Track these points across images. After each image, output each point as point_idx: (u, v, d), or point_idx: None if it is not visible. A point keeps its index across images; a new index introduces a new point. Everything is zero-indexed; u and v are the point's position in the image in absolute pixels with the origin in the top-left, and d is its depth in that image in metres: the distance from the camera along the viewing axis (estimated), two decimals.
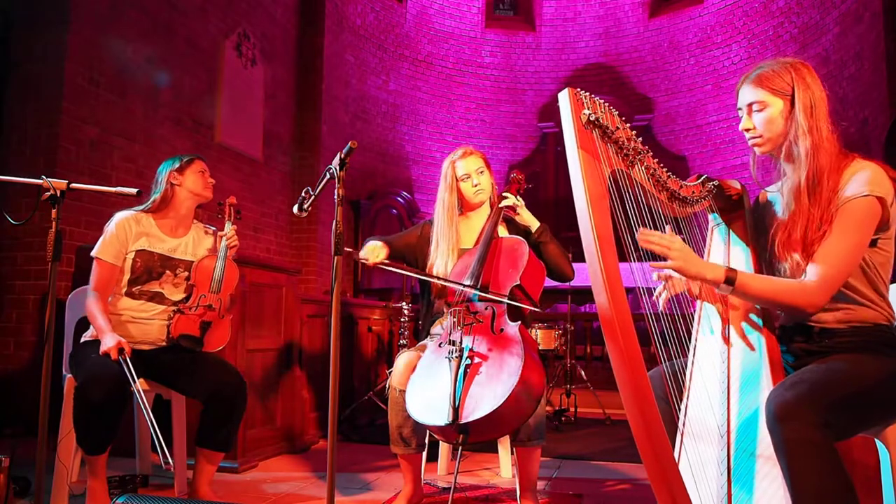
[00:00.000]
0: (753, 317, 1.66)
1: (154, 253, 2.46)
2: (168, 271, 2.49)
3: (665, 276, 1.79)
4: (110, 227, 2.43)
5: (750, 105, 1.68)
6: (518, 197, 2.50)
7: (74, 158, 4.19)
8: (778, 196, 1.74)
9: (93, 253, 2.41)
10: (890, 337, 1.60)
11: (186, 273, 2.52)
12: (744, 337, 1.66)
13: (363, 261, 2.37)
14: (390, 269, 2.36)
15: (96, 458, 2.18)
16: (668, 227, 1.63)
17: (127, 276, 2.44)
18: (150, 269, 2.45)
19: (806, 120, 1.59)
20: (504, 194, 2.49)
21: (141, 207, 2.53)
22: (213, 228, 2.69)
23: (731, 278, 1.55)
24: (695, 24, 8.60)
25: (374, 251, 2.38)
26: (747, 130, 1.70)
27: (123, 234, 2.42)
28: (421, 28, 8.96)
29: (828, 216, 1.54)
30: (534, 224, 2.47)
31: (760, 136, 1.68)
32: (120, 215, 2.46)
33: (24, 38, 4.18)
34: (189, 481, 2.48)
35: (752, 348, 1.63)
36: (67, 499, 2.32)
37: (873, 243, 1.57)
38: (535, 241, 2.45)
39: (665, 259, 1.58)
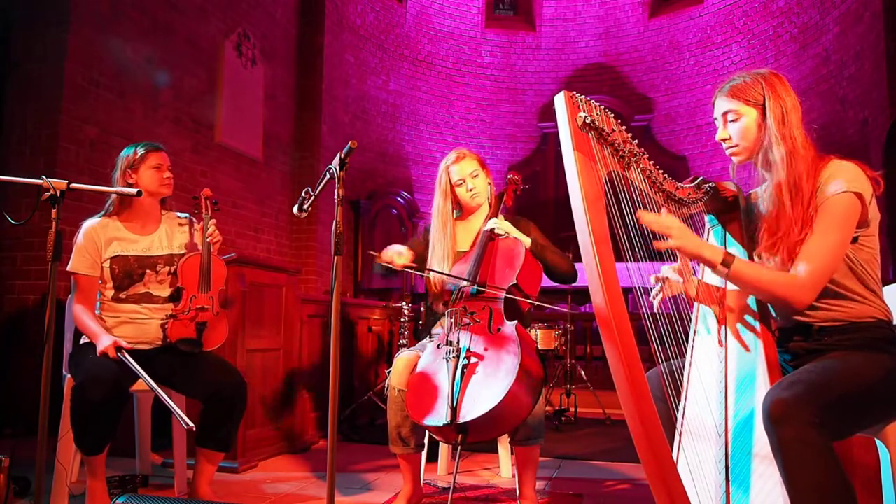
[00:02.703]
0: (750, 318, 1.67)
1: (129, 256, 2.43)
2: (148, 270, 2.45)
3: (661, 278, 1.80)
4: (78, 238, 2.41)
5: (725, 115, 1.73)
6: (504, 221, 2.46)
7: (74, 158, 4.19)
8: (766, 197, 1.76)
9: (68, 268, 2.39)
10: (889, 334, 1.61)
11: (168, 268, 2.48)
12: (740, 337, 1.67)
13: (388, 263, 2.38)
14: (414, 272, 2.40)
15: (95, 459, 2.18)
16: (663, 210, 1.66)
17: (110, 285, 2.42)
18: (129, 272, 2.42)
19: (778, 128, 1.64)
20: (489, 223, 2.43)
21: (103, 212, 2.49)
22: (187, 216, 2.64)
23: (727, 261, 1.58)
24: (695, 24, 8.60)
25: (400, 254, 2.40)
26: (724, 140, 1.75)
27: (92, 243, 2.40)
28: (421, 28, 8.96)
29: (808, 217, 1.58)
30: (526, 242, 2.41)
31: (737, 146, 1.73)
32: (86, 224, 2.44)
33: (24, 38, 4.19)
34: (189, 481, 2.48)
35: (749, 349, 1.63)
36: (67, 499, 2.32)
37: (854, 240, 1.60)
38: (534, 255, 2.44)
39: (665, 238, 1.60)
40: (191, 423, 1.91)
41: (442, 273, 2.42)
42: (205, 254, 2.46)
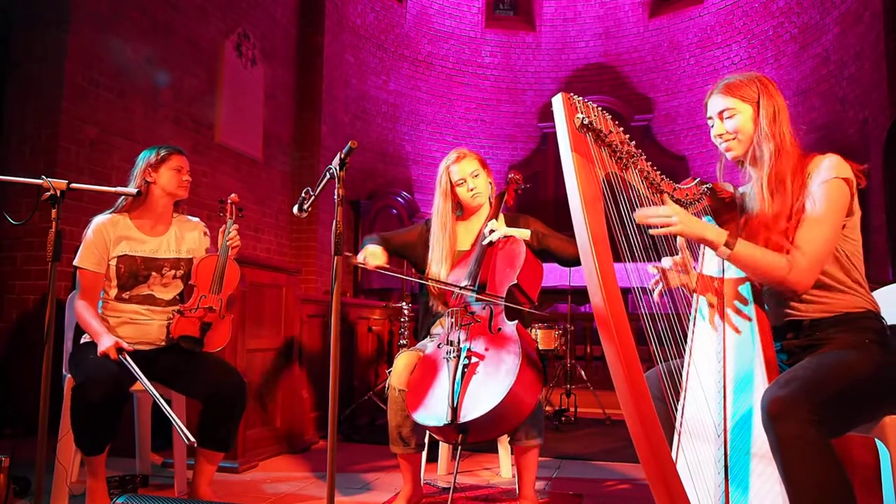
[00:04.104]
0: (749, 316, 1.68)
1: (136, 257, 2.43)
2: (154, 273, 2.45)
3: (661, 268, 1.80)
4: (88, 233, 2.41)
5: (721, 113, 1.77)
6: (499, 220, 2.44)
7: (74, 158, 4.19)
8: (752, 194, 1.79)
9: (74, 262, 2.39)
10: (879, 325, 1.64)
11: (173, 272, 2.49)
12: (739, 337, 1.67)
13: (362, 264, 2.37)
14: (389, 273, 2.37)
15: (95, 459, 2.18)
16: (665, 196, 1.68)
17: (114, 283, 2.42)
18: (134, 273, 2.42)
19: (769, 126, 1.70)
20: (486, 230, 2.42)
21: (114, 208, 2.49)
22: (197, 220, 2.65)
23: (730, 243, 1.61)
24: (695, 24, 8.60)
25: (374, 255, 2.39)
26: (720, 136, 1.79)
27: (101, 240, 2.39)
28: (421, 28, 8.96)
29: (798, 210, 1.63)
30: (525, 235, 2.41)
31: (733, 139, 1.76)
32: (97, 220, 2.43)
33: (24, 38, 4.19)
34: (189, 481, 2.48)
35: (748, 348, 1.64)
36: (67, 499, 2.32)
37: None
38: (537, 246, 2.43)
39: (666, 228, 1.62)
40: (192, 439, 1.91)
41: (439, 283, 2.40)
42: (222, 256, 2.47)
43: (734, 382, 1.61)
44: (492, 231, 2.41)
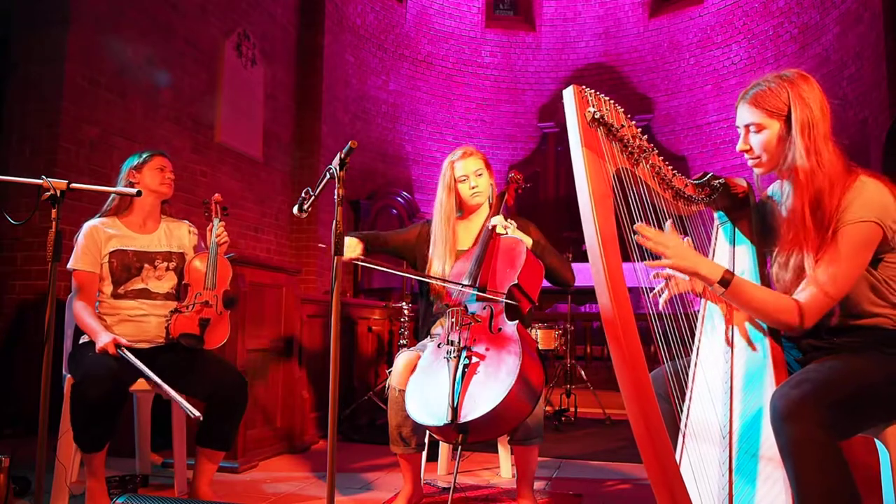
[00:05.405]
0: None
1: (128, 251, 2.46)
2: (147, 265, 2.49)
3: (666, 275, 1.77)
4: (79, 237, 2.44)
5: (747, 126, 1.65)
6: (508, 220, 2.43)
7: (74, 158, 4.19)
8: (779, 194, 1.73)
9: (68, 266, 2.41)
10: None
11: (165, 264, 2.52)
12: (747, 337, 1.64)
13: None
14: (366, 264, 2.34)
15: (94, 457, 2.18)
16: (668, 222, 1.61)
17: (109, 280, 2.44)
18: (127, 266, 2.45)
19: (803, 141, 1.55)
20: (492, 220, 2.41)
21: (102, 212, 2.53)
22: (187, 222, 2.68)
23: (726, 279, 1.53)
24: (695, 24, 8.60)
25: (348, 247, 2.38)
26: (745, 152, 1.67)
27: (93, 241, 2.42)
28: (421, 28, 8.96)
29: (827, 238, 1.51)
30: (527, 240, 2.39)
31: (758, 158, 1.66)
32: (87, 224, 2.47)
33: (24, 38, 4.18)
34: (189, 481, 2.48)
35: (756, 349, 1.61)
36: (67, 499, 2.32)
37: (877, 263, 1.54)
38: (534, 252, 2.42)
39: (661, 257, 1.56)
40: (197, 413, 1.93)
41: (430, 278, 2.40)
42: (212, 253, 2.50)
43: (742, 382, 1.59)
44: (494, 227, 2.39)
